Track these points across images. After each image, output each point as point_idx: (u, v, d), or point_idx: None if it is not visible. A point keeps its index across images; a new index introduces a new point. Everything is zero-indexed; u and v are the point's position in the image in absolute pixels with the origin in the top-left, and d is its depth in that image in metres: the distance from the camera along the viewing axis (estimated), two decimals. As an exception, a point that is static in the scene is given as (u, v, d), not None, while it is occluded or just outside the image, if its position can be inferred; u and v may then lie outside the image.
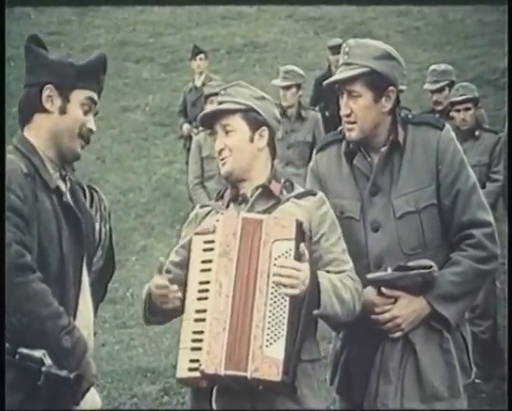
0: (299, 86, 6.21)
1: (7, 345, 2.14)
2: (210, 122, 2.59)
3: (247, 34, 12.34)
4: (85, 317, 2.34)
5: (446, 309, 2.55)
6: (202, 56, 8.29)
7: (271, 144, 2.57)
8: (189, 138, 7.79)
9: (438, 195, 2.59)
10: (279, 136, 2.65)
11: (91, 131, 2.34)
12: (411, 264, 2.55)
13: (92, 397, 2.28)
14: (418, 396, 2.55)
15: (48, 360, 2.13)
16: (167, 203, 8.89)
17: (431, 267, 2.52)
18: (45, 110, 2.29)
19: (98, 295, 2.44)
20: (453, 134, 2.65)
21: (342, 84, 2.59)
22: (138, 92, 11.19)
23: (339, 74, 2.60)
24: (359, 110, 2.58)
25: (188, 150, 7.21)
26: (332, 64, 8.24)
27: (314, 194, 2.54)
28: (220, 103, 2.57)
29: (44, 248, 2.22)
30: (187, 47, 10.39)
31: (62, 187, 2.33)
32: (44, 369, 2.12)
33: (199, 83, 8.15)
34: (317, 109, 6.85)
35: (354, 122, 2.59)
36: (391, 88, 2.60)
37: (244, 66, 11.60)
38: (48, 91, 2.29)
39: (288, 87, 6.17)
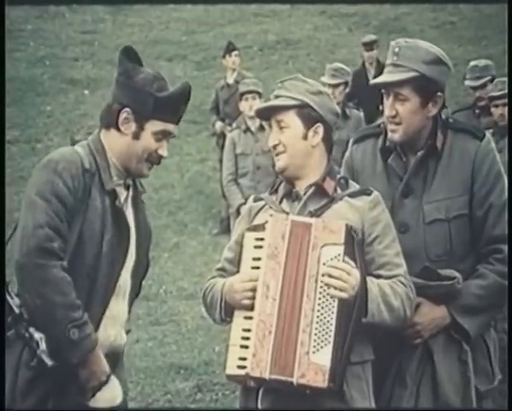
0: (346, 84, 6.15)
1: (24, 323, 2.18)
2: (266, 116, 2.57)
3: (279, 31, 12.30)
4: (115, 316, 2.35)
5: (467, 321, 2.54)
6: (237, 52, 8.29)
7: (327, 139, 2.52)
8: (222, 135, 7.80)
9: (471, 206, 2.57)
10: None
11: (161, 156, 2.38)
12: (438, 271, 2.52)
13: (111, 392, 2.28)
14: (431, 403, 2.54)
15: (43, 345, 2.17)
16: (199, 200, 8.91)
17: (454, 278, 2.50)
18: (120, 130, 2.35)
19: (133, 292, 2.45)
20: (493, 145, 2.62)
21: (389, 86, 2.55)
22: (171, 90, 11.21)
23: (387, 76, 2.56)
24: (405, 113, 2.54)
25: (222, 147, 7.22)
26: (366, 61, 8.18)
27: (368, 194, 2.48)
28: (276, 96, 2.52)
29: (82, 241, 2.25)
30: (219, 45, 10.39)
31: (121, 193, 2.36)
32: (38, 352, 2.16)
33: (231, 80, 8.14)
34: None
35: (398, 124, 2.55)
36: (439, 94, 2.56)
37: (277, 63, 11.57)
38: (125, 114, 2.34)
39: (336, 85, 6.11)
